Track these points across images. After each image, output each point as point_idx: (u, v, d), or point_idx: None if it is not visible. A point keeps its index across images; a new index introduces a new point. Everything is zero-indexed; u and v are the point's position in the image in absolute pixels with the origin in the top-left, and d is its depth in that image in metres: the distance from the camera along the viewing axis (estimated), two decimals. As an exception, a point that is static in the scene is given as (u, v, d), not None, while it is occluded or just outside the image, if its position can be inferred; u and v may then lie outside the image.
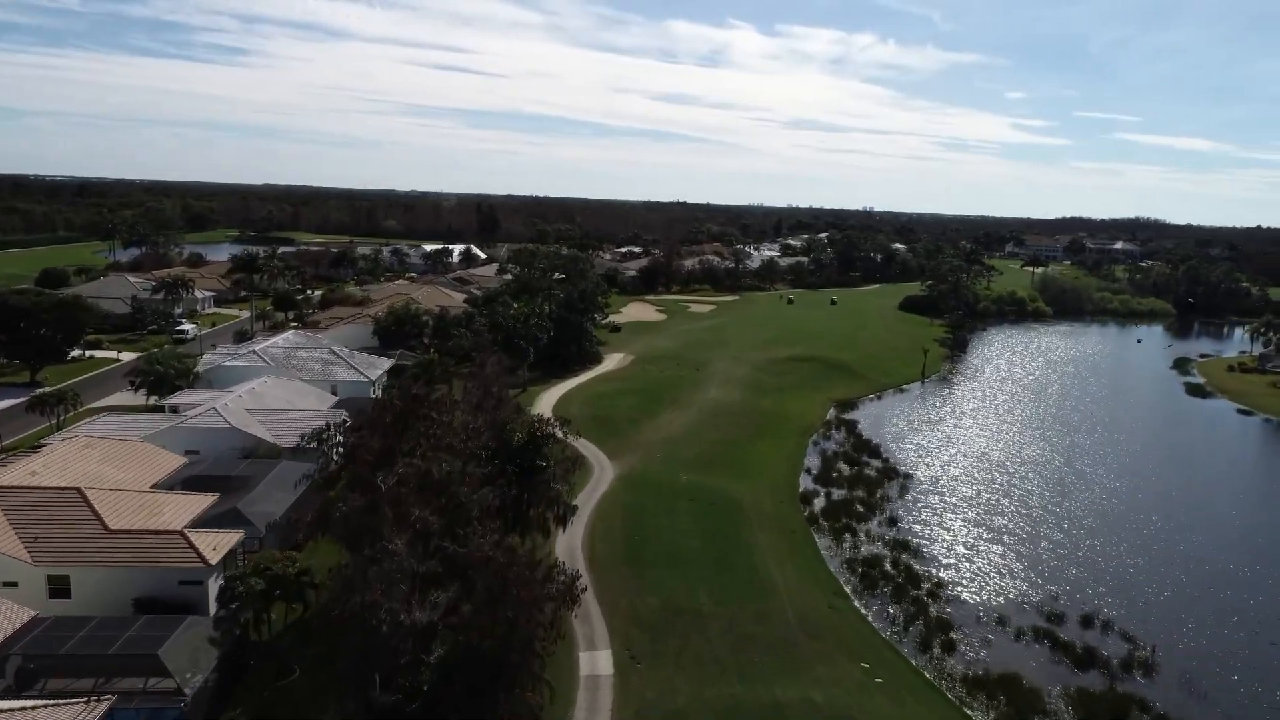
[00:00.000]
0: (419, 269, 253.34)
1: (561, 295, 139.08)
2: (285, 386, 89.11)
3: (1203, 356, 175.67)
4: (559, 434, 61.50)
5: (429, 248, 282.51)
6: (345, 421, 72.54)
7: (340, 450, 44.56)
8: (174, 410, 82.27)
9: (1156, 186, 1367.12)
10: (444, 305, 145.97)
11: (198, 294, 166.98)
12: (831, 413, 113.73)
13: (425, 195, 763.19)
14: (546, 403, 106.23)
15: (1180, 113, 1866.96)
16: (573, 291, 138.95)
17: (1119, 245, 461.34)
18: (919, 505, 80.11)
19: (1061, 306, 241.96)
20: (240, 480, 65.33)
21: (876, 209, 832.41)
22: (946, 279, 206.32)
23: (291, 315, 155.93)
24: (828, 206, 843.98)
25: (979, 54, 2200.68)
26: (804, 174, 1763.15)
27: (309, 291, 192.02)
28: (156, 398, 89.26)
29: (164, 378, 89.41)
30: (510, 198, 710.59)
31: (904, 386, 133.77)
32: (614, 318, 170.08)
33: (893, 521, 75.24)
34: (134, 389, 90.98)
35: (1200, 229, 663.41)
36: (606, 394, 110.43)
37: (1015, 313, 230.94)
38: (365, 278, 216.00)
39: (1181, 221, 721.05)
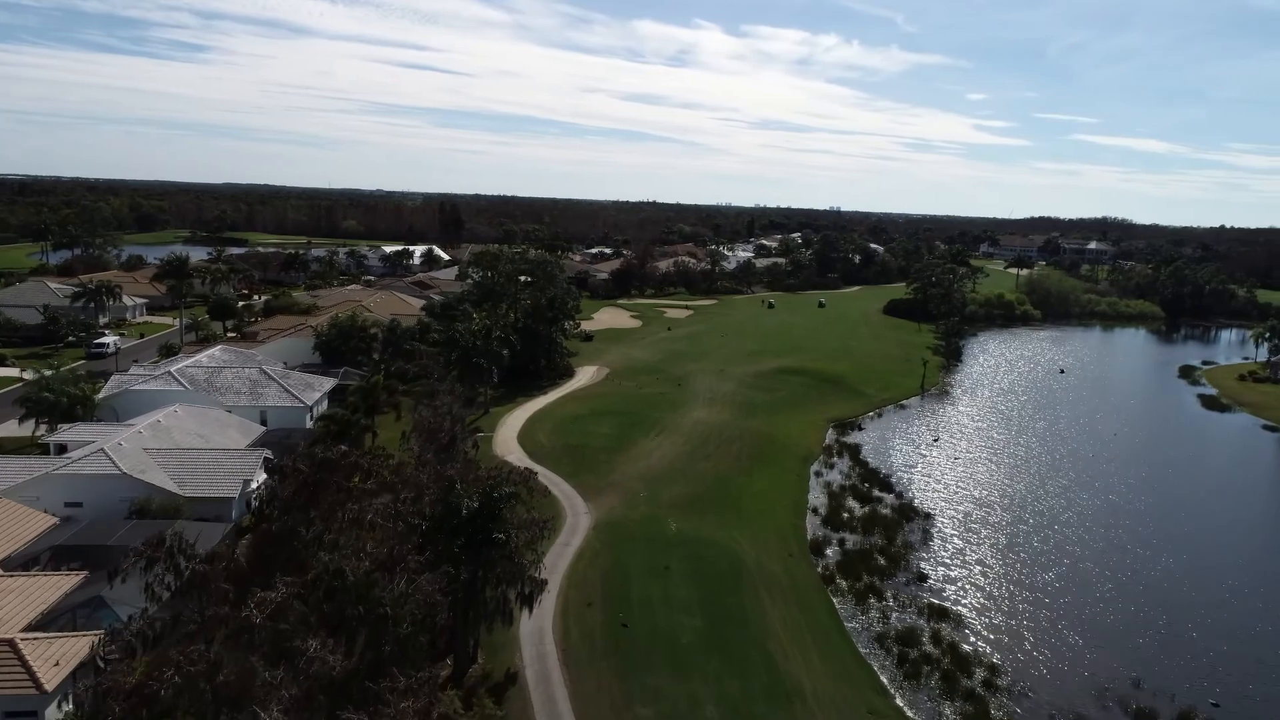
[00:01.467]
0: (377, 272, 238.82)
1: (528, 302, 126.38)
2: (200, 417, 75.59)
3: (1205, 364, 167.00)
4: (525, 488, 48.95)
5: (389, 249, 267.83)
6: (264, 463, 59.81)
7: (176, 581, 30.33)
8: (61, 449, 68.61)
9: (1114, 187, 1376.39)
10: (399, 314, 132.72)
11: (126, 300, 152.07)
12: (830, 435, 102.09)
13: (391, 195, 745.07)
14: (511, 427, 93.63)
15: (1136, 115, 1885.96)
16: (541, 298, 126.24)
17: (1093, 245, 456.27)
18: (947, 555, 68.52)
19: (1048, 309, 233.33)
20: (122, 551, 52.00)
21: (844, 209, 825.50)
22: (938, 282, 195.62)
23: (231, 325, 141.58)
24: (796, 206, 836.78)
25: (942, 55, 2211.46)
26: (771, 174, 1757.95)
27: (256, 297, 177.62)
28: (47, 430, 75.47)
29: (55, 406, 75.51)
30: (478, 197, 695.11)
31: (904, 402, 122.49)
32: (586, 325, 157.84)
33: (921, 578, 63.51)
34: (19, 420, 76.99)
35: (1166, 229, 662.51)
36: (579, 416, 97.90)
37: (1003, 316, 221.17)
38: (317, 282, 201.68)
39: (1146, 221, 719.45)
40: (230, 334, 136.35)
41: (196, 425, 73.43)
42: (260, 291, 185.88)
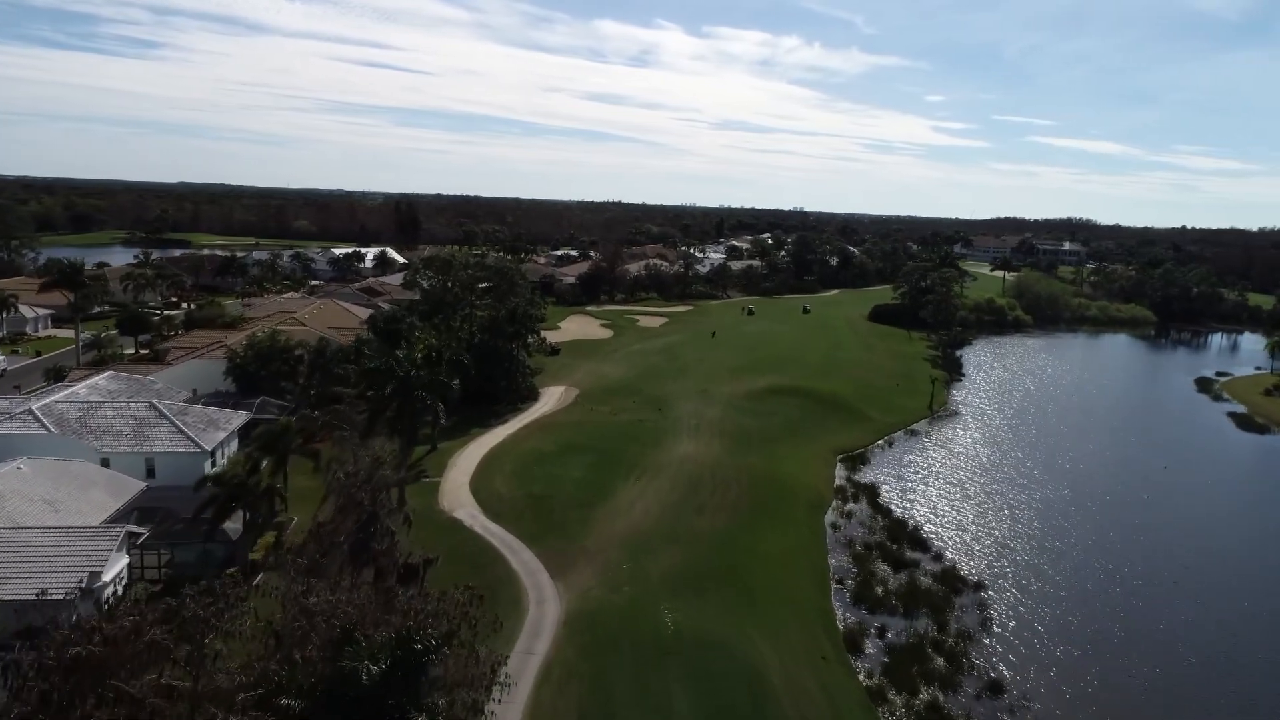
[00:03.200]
0: (325, 276, 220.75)
1: (486, 315, 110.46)
2: (56, 475, 58.63)
3: (1220, 375, 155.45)
4: (467, 621, 33.32)
5: (339, 251, 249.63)
6: (127, 542, 43.82)
7: None
8: None
9: (1070, 188, 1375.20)
10: (338, 327, 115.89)
11: (26, 312, 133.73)
12: (840, 472, 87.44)
13: (351, 195, 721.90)
14: (464, 469, 77.91)
15: (1090, 117, 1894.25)
16: (500, 309, 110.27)
17: (1067, 246, 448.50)
18: (1015, 651, 53.83)
19: (1038, 314, 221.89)
20: None
21: (809, 209, 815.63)
22: (932, 288, 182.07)
23: (145, 341, 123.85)
24: (761, 207, 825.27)
25: (901, 57, 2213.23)
26: (736, 175, 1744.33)
27: (186, 306, 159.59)
28: None
29: None
30: (439, 197, 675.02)
31: (913, 426, 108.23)
32: (552, 336, 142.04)
33: (995, 688, 48.78)
34: None
35: (1129, 229, 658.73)
36: (545, 454, 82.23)
37: (994, 322, 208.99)
38: (253, 289, 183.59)
39: (1109, 222, 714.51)
40: (143, 351, 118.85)
41: (47, 487, 56.57)
42: (192, 299, 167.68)
